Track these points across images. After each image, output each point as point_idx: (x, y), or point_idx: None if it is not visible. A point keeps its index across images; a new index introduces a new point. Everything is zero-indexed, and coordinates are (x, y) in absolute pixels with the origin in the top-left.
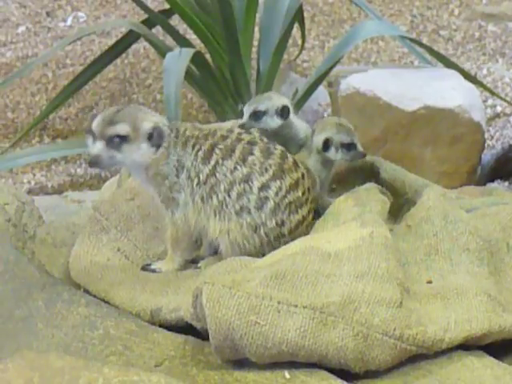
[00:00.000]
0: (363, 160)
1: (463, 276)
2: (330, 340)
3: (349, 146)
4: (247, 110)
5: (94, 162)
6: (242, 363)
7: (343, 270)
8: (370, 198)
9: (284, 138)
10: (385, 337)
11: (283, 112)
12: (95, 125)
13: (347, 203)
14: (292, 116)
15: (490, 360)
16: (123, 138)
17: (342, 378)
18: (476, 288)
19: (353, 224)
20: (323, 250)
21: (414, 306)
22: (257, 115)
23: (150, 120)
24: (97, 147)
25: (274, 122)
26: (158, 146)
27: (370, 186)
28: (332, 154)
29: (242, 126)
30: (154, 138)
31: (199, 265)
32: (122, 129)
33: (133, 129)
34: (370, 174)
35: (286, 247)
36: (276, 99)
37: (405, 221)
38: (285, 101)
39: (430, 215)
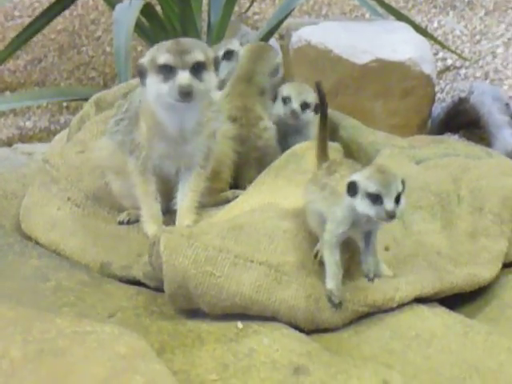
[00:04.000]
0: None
1: (415, 238)
2: (282, 298)
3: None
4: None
5: (187, 92)
6: (195, 314)
7: (300, 227)
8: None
9: None
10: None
11: None
12: (167, 56)
13: (312, 151)
14: None
15: (440, 309)
16: (202, 65)
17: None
18: (428, 248)
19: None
20: (281, 206)
21: None
22: None
23: (210, 48)
24: (184, 77)
25: None
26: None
27: (337, 147)
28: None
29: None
30: (217, 66)
31: None
32: (200, 55)
33: (205, 55)
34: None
35: (244, 202)
36: None
37: None
38: None
39: None
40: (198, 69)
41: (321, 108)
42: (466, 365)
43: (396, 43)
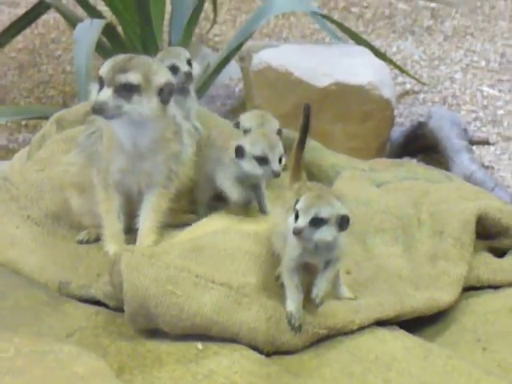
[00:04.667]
0: (283, 135)
1: (376, 261)
2: (243, 319)
3: (262, 160)
4: None
5: (97, 109)
6: (154, 334)
7: (262, 249)
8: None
9: None
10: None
11: None
12: (105, 70)
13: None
14: None
15: (401, 332)
16: (134, 88)
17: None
18: (390, 269)
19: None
20: (243, 229)
21: None
22: None
23: (164, 74)
24: (104, 94)
25: None
26: (166, 103)
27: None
28: (244, 164)
29: None
30: (165, 93)
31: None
32: (133, 78)
33: (145, 79)
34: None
35: (206, 225)
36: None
37: None
38: None
39: None
40: (127, 90)
41: (302, 131)
42: None
43: (355, 67)
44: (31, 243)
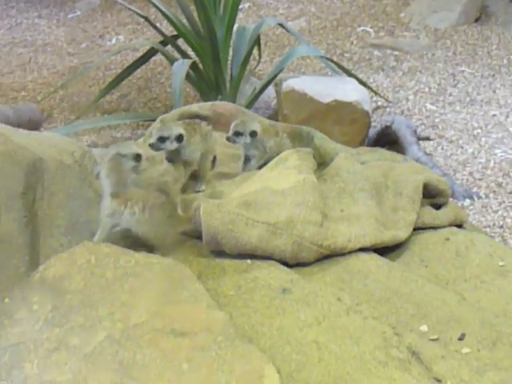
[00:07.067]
0: (301, 128)
1: (360, 207)
2: (276, 245)
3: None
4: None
5: None
6: (221, 254)
7: (287, 201)
8: (308, 158)
9: None
10: (311, 245)
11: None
12: None
13: (293, 156)
14: None
15: (375, 256)
16: None
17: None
18: (368, 214)
19: (293, 171)
20: (274, 188)
21: (329, 225)
22: None
23: None
24: None
25: None
26: None
27: (310, 151)
28: None
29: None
30: None
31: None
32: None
33: None
34: (307, 138)
35: (249, 186)
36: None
37: (322, 177)
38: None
39: (338, 172)
40: None
41: None
42: (389, 290)
43: (347, 90)
44: None
